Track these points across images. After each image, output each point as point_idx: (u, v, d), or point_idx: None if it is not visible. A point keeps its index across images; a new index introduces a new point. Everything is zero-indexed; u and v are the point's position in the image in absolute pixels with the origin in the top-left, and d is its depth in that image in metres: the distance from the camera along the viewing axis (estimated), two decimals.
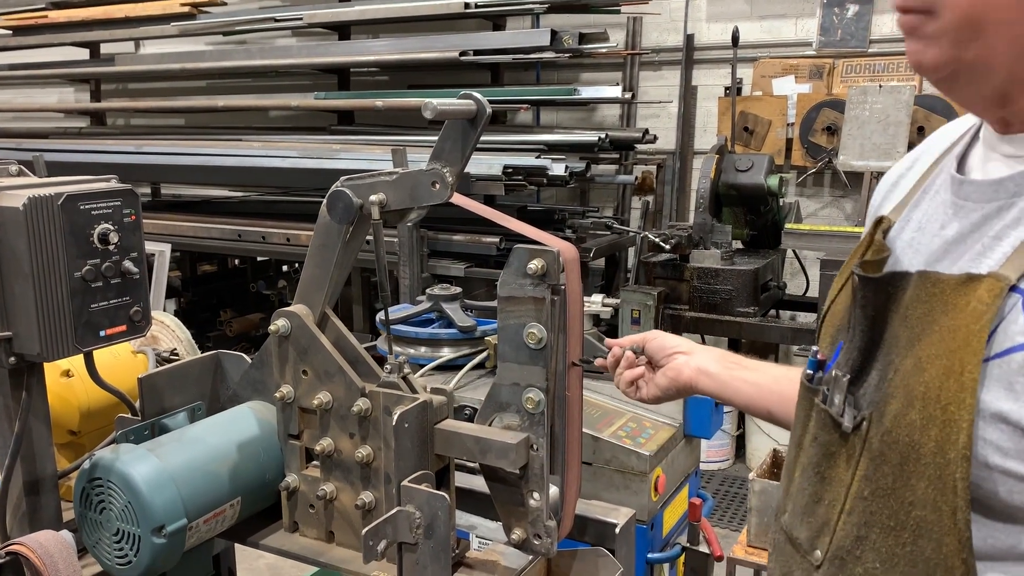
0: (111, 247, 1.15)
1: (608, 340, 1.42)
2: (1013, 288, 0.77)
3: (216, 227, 4.80)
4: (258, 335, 5.40)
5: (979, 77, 0.82)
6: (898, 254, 0.92)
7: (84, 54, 6.54)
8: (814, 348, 0.99)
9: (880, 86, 4.38)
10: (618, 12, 4.90)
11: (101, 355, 1.23)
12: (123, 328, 1.19)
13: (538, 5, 4.51)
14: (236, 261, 5.75)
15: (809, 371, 0.97)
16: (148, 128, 6.55)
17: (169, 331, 1.70)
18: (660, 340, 1.34)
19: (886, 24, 4.64)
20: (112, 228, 1.15)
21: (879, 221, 0.97)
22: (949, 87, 0.86)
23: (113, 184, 1.20)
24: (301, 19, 5.22)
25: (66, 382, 1.41)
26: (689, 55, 5.06)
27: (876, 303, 0.87)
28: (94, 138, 5.98)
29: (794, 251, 4.56)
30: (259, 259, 5.52)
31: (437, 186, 1.13)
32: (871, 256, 0.92)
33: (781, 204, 4.31)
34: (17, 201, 1.07)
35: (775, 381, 1.24)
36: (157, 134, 5.93)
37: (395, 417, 1.10)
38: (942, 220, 0.89)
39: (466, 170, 1.27)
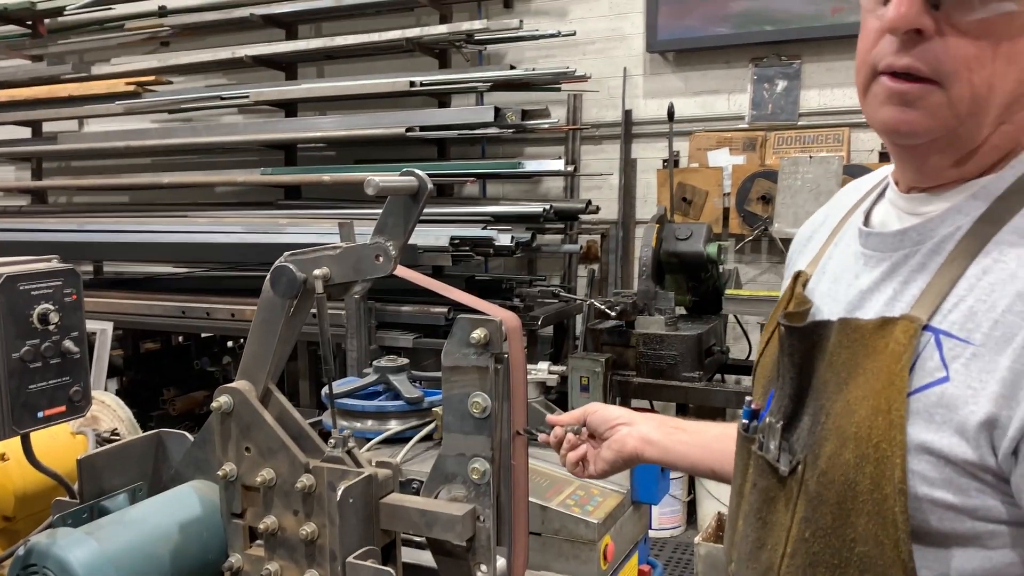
0: (51, 327, 1.15)
1: (550, 418, 1.42)
2: (926, 327, 0.82)
3: (159, 304, 4.73)
4: (202, 413, 5.27)
5: (957, 146, 0.85)
6: (818, 304, 0.97)
7: (26, 132, 6.47)
8: (748, 398, 1.03)
9: (810, 156, 4.58)
10: (559, 90, 5.07)
11: (39, 437, 1.21)
12: (62, 409, 1.17)
13: (482, 83, 4.65)
14: (180, 338, 5.64)
15: (744, 420, 1.01)
16: (91, 206, 6.46)
17: (110, 411, 1.67)
18: (601, 413, 1.35)
19: (813, 99, 4.89)
20: (52, 308, 1.15)
21: (797, 275, 1.03)
22: (915, 152, 0.88)
23: (54, 264, 1.20)
24: (247, 97, 5.27)
25: (1, 466, 1.37)
26: (628, 130, 5.24)
27: (803, 351, 0.92)
28: (35, 216, 5.88)
29: (735, 316, 4.66)
30: (203, 335, 5.43)
31: (380, 259, 1.15)
32: (794, 307, 0.97)
33: (721, 271, 4.43)
34: None
35: (715, 439, 1.28)
36: (101, 211, 5.85)
37: (339, 492, 1.10)
38: (855, 270, 0.95)
39: (414, 241, 1.30)
